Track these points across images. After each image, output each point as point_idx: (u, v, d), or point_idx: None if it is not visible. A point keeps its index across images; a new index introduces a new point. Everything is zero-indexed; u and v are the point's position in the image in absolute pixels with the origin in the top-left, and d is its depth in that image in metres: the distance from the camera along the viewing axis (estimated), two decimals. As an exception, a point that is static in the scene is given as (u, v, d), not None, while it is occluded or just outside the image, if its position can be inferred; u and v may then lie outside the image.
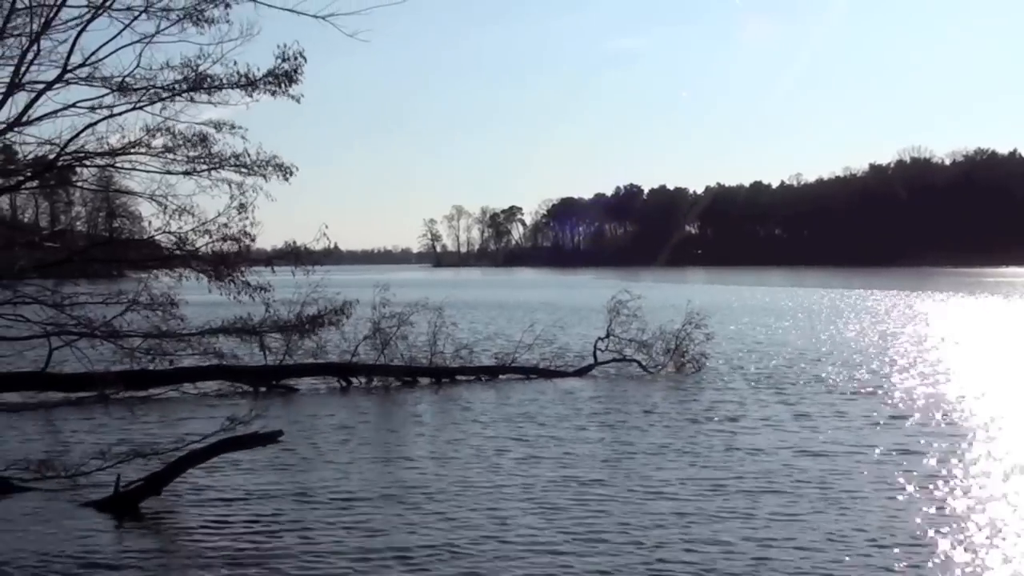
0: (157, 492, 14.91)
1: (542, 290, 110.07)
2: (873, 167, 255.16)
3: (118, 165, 20.14)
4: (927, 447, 18.44)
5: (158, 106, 19.15)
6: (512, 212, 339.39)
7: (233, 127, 19.95)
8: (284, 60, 19.29)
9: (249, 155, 20.13)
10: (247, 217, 21.12)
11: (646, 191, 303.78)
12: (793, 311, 63.26)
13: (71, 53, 17.47)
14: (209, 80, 19.08)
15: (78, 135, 18.60)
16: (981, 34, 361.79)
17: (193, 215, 20.99)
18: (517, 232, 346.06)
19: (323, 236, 24.64)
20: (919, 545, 12.46)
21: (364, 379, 29.03)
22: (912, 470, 16.52)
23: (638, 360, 31.56)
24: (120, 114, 18.81)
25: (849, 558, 11.99)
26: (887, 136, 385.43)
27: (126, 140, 19.37)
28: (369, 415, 23.84)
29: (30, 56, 16.96)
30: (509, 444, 19.22)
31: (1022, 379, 28.81)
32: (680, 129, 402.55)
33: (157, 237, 21.81)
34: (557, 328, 45.83)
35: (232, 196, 20.58)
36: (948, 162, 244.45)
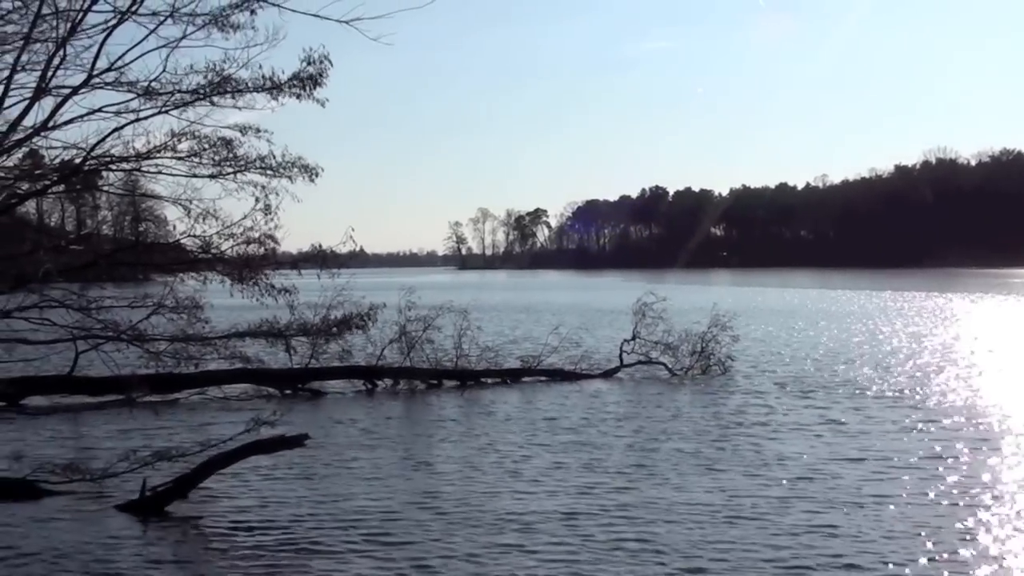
0: (183, 495, 14.92)
1: (567, 292, 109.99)
2: (899, 168, 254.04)
3: (144, 169, 20.20)
4: (963, 454, 18.07)
5: (184, 110, 19.18)
6: (537, 214, 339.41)
7: (259, 131, 19.97)
8: (309, 63, 19.26)
9: (275, 157, 20.15)
10: (272, 219, 21.14)
11: (671, 193, 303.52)
12: (821, 313, 62.81)
13: (97, 58, 17.52)
14: (234, 84, 19.08)
15: (104, 139, 18.67)
16: (1007, 33, 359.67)
17: (218, 218, 21.03)
18: (542, 234, 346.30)
19: (349, 239, 24.65)
20: (955, 558, 12.22)
21: (390, 382, 29.03)
22: (947, 477, 16.18)
23: (664, 362, 31.47)
24: (146, 118, 18.84)
25: (882, 569, 11.80)
26: (913, 137, 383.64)
27: (152, 144, 19.41)
28: (395, 419, 23.81)
29: (56, 61, 17.01)
30: (534, 449, 19.08)
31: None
32: (705, 131, 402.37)
33: (183, 240, 21.86)
34: (583, 330, 45.75)
35: (257, 199, 20.60)
36: (974, 163, 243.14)
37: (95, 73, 17.57)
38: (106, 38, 17.36)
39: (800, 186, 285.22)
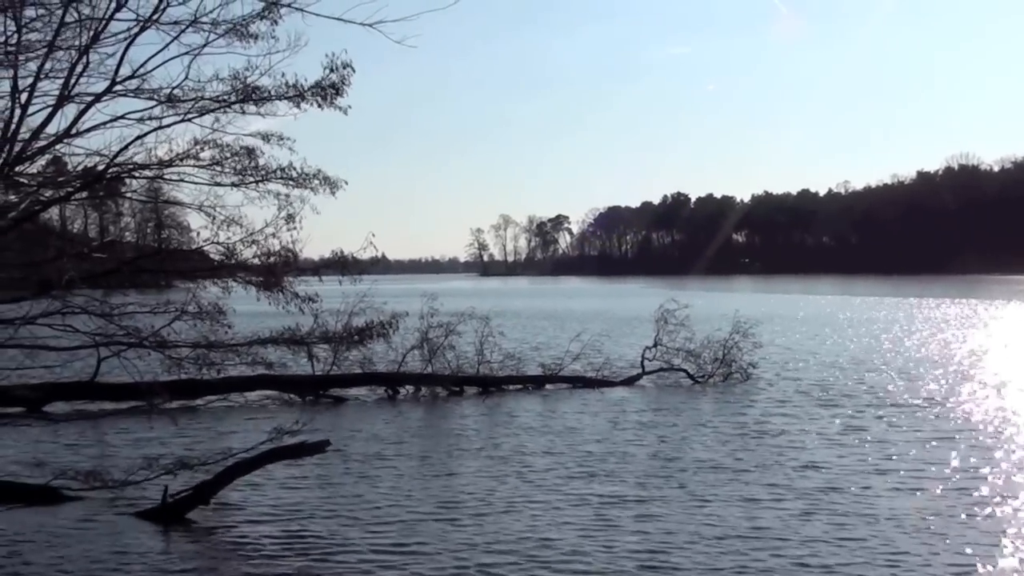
0: (205, 502, 14.93)
1: (589, 299, 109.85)
2: (921, 174, 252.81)
3: (166, 176, 20.18)
4: (991, 464, 17.80)
5: (206, 118, 19.19)
6: (559, 221, 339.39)
7: (281, 138, 19.94)
8: (332, 70, 19.21)
9: (295, 167, 20.12)
10: (294, 228, 21.12)
11: (693, 199, 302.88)
12: (845, 320, 62.49)
13: (120, 66, 17.50)
14: (257, 92, 19.07)
15: (127, 147, 18.64)
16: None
17: (241, 225, 21.02)
18: (564, 241, 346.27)
19: (370, 245, 24.63)
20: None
21: (412, 389, 29.06)
22: (976, 489, 15.96)
23: (686, 369, 31.38)
24: (168, 126, 18.85)
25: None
26: (935, 143, 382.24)
27: (174, 152, 19.39)
28: (416, 425, 23.81)
29: (79, 69, 17.01)
30: (556, 458, 18.96)
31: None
32: (727, 137, 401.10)
33: (205, 248, 21.87)
34: (604, 337, 45.66)
35: (280, 207, 20.59)
36: (996, 169, 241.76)
37: (118, 80, 17.57)
38: (128, 46, 17.36)
39: (822, 192, 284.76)
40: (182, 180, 20.11)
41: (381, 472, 17.84)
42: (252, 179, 19.91)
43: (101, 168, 19.12)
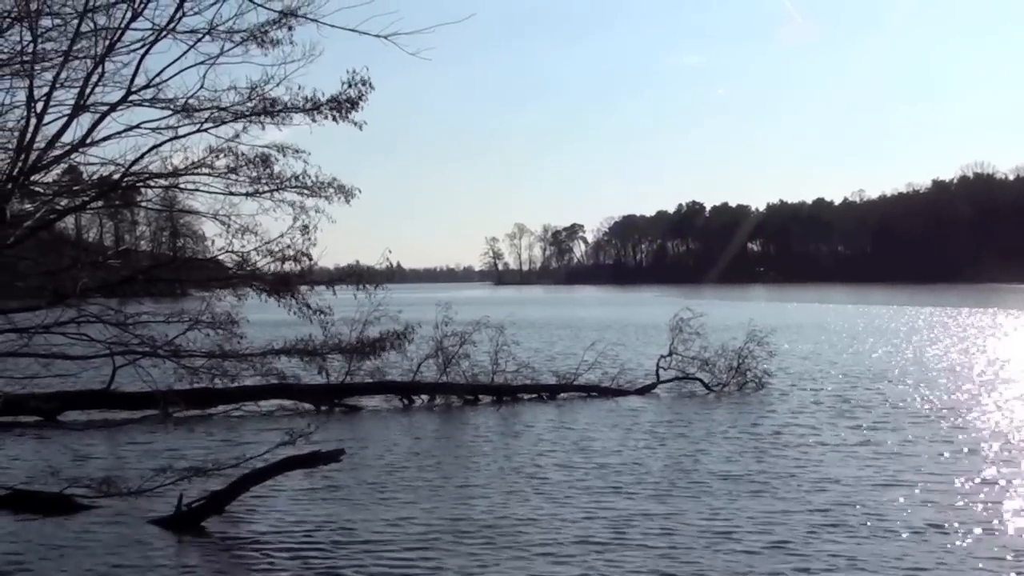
0: (219, 510, 14.93)
1: (604, 308, 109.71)
2: (936, 183, 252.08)
3: (181, 185, 20.21)
4: (1015, 478, 17.43)
5: (222, 129, 19.20)
6: (574, 230, 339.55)
7: (296, 151, 19.95)
8: (350, 86, 19.17)
9: (310, 176, 20.12)
10: (309, 238, 21.12)
11: (708, 208, 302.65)
12: (864, 330, 62.10)
13: (135, 75, 17.53)
14: (273, 105, 19.06)
15: (142, 156, 18.69)
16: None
17: (256, 234, 21.03)
18: (579, 250, 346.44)
19: (386, 260, 24.71)
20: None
21: (426, 398, 29.04)
22: (999, 503, 15.65)
23: (701, 378, 31.29)
24: (184, 136, 18.88)
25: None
26: (950, 152, 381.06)
27: (189, 161, 19.43)
28: (431, 434, 23.77)
29: (95, 78, 17.04)
30: (570, 470, 18.72)
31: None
32: (742, 146, 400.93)
33: (220, 256, 21.89)
34: (619, 346, 45.60)
35: (295, 217, 20.59)
36: (1012, 177, 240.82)
37: (133, 90, 17.60)
38: (144, 55, 17.40)
39: (837, 201, 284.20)
40: (197, 189, 20.16)
41: (395, 482, 17.78)
42: (267, 188, 19.93)
43: (116, 177, 19.17)
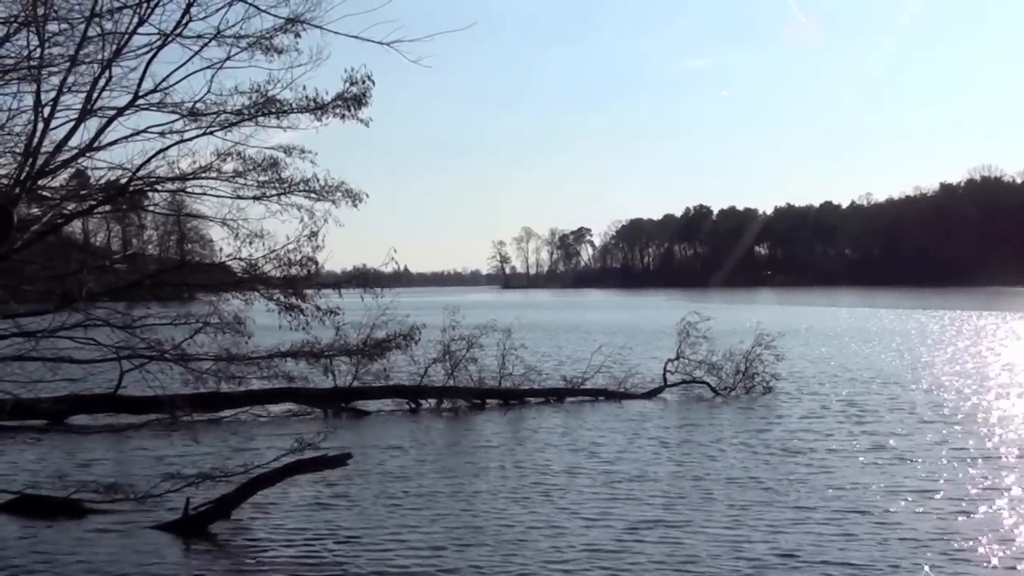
0: (227, 515, 14.94)
1: (611, 311, 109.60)
2: (943, 186, 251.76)
3: (189, 189, 20.26)
4: None
5: (228, 131, 19.23)
6: (581, 233, 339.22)
7: (303, 151, 19.98)
8: (352, 84, 19.24)
9: (318, 180, 20.15)
10: (317, 243, 21.14)
11: (715, 212, 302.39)
12: (870, 334, 62.00)
13: (142, 79, 17.59)
14: (278, 104, 19.10)
15: (149, 160, 18.73)
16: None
17: (263, 238, 21.05)
18: (586, 253, 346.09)
19: (392, 261, 24.69)
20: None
21: (433, 401, 29.02)
22: (1016, 511, 15.39)
23: (708, 382, 31.26)
24: (191, 140, 18.91)
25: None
26: (957, 154, 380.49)
27: (197, 165, 19.46)
28: (438, 439, 23.75)
29: (102, 83, 17.07)
30: (578, 476, 18.56)
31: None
32: (749, 149, 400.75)
33: (227, 262, 21.91)
34: (627, 350, 45.53)
35: (302, 221, 20.61)
36: (1019, 180, 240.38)
37: (140, 94, 17.65)
38: (151, 60, 17.44)
39: (844, 204, 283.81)
40: (204, 193, 20.21)
41: (402, 487, 17.74)
42: (274, 192, 19.98)
43: (124, 181, 19.21)
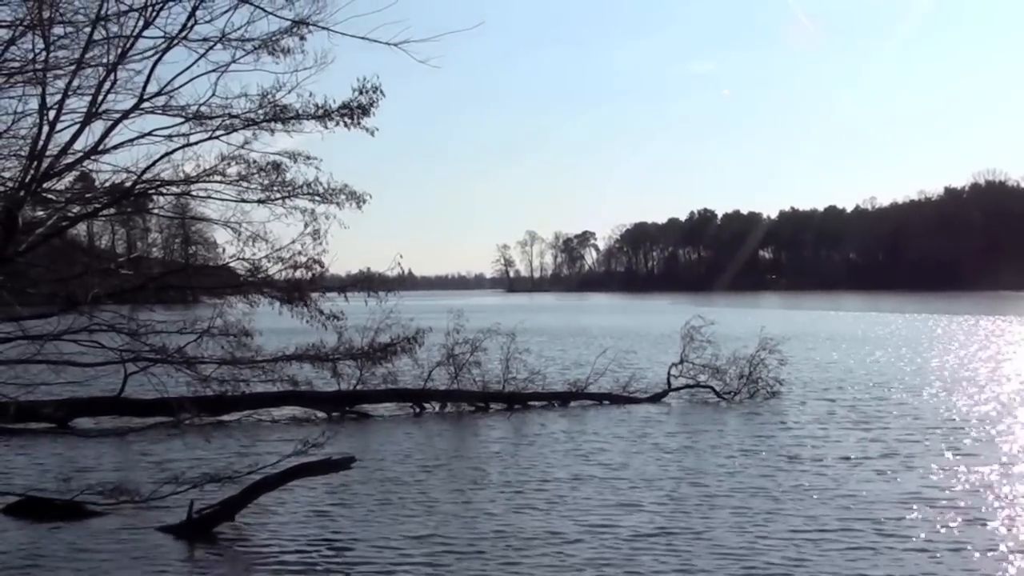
0: (231, 517, 14.93)
1: (615, 315, 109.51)
2: (948, 190, 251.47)
3: (193, 193, 20.31)
4: None
5: (233, 136, 19.27)
6: (585, 237, 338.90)
7: (308, 158, 20.01)
8: (361, 93, 19.21)
9: (321, 183, 20.18)
10: (321, 244, 21.17)
11: (720, 216, 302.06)
12: (874, 338, 61.81)
13: (147, 83, 17.65)
14: (284, 112, 19.12)
15: (154, 163, 18.77)
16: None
17: (267, 241, 21.08)
18: (590, 257, 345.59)
19: (397, 265, 24.70)
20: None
21: (437, 405, 29.00)
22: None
23: (712, 386, 31.22)
24: (196, 143, 18.94)
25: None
26: (962, 159, 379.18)
27: (201, 168, 19.51)
28: (442, 443, 23.72)
29: (107, 86, 17.14)
30: (582, 482, 18.38)
31: None
32: (753, 153, 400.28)
33: (232, 264, 21.96)
34: (631, 353, 45.51)
35: (306, 223, 20.65)
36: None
37: (145, 97, 17.70)
38: (156, 63, 17.50)
39: (849, 208, 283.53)
40: (209, 196, 20.29)
41: (405, 491, 17.72)
42: (278, 195, 20.01)
43: (128, 184, 19.25)
